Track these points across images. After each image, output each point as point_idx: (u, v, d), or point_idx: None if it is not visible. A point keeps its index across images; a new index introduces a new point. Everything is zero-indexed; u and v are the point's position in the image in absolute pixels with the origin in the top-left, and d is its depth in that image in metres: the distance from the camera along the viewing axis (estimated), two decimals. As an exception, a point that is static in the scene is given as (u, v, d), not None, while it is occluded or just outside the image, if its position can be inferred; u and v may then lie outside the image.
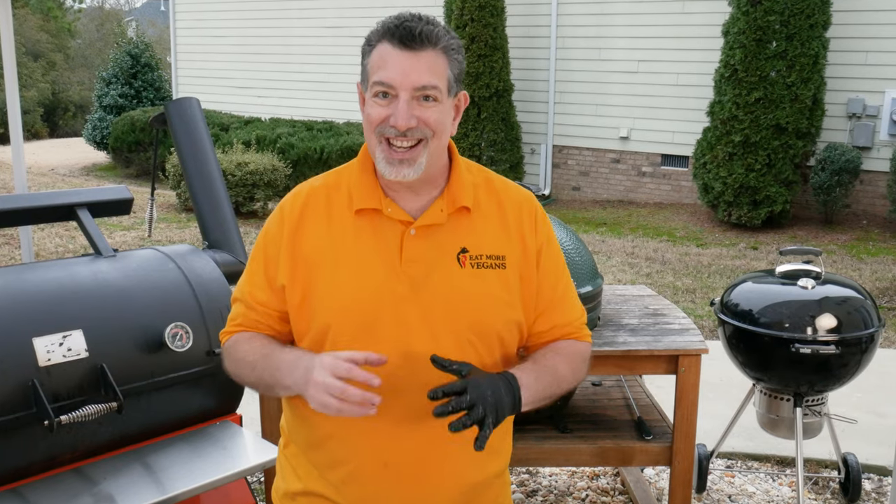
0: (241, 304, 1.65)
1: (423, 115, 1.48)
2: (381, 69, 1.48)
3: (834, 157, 9.11)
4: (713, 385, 4.56)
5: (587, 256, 2.96)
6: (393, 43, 1.47)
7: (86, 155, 16.32)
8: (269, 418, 2.93)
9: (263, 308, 1.61)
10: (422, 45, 1.47)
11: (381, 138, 1.50)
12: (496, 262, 1.57)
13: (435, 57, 1.48)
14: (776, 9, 8.78)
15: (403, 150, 1.49)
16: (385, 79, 1.47)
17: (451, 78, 1.51)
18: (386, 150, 1.50)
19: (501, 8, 10.68)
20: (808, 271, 3.17)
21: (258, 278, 1.62)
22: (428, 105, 1.48)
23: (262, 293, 1.61)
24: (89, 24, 30.45)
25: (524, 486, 3.68)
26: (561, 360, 1.62)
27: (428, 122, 1.48)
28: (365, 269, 1.54)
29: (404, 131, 1.47)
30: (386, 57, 1.47)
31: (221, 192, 2.99)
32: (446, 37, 1.50)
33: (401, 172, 1.50)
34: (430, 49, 1.47)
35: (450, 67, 1.50)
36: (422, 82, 1.47)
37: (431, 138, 1.50)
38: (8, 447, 2.04)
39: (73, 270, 2.34)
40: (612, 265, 7.94)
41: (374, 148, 1.52)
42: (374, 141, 1.51)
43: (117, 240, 8.63)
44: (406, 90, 1.46)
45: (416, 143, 1.49)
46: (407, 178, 1.50)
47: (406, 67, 1.46)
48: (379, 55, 1.49)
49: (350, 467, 1.59)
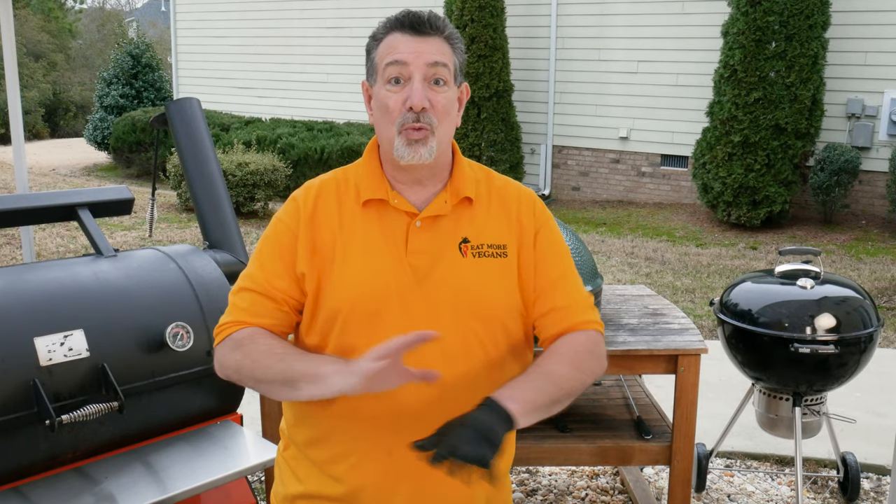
0: (254, 293, 1.60)
1: (434, 99, 1.53)
2: (393, 53, 1.53)
3: (833, 158, 9.12)
4: (712, 385, 4.57)
5: (587, 256, 2.97)
6: (402, 30, 1.54)
7: (87, 155, 16.33)
8: (270, 418, 2.94)
9: (283, 295, 1.58)
10: (430, 30, 1.54)
11: (402, 128, 1.53)
12: (497, 251, 1.60)
13: (442, 42, 1.55)
14: (775, 9, 8.78)
15: (417, 131, 1.53)
16: (398, 57, 1.52)
17: (457, 64, 1.58)
18: (406, 134, 1.54)
19: (501, 8, 10.69)
20: (808, 271, 3.18)
21: (275, 266, 1.59)
22: (438, 89, 1.54)
23: (280, 281, 1.59)
24: (90, 24, 30.45)
25: (524, 485, 3.68)
26: (556, 360, 1.59)
27: (437, 106, 1.53)
28: (372, 260, 1.57)
29: (419, 114, 1.52)
30: (396, 43, 1.54)
31: (222, 193, 2.99)
32: (450, 28, 1.58)
33: (418, 152, 1.53)
34: (437, 35, 1.55)
35: (455, 54, 1.57)
36: (433, 58, 1.53)
37: (437, 126, 1.54)
38: (9, 446, 2.05)
39: (74, 270, 2.35)
40: (611, 265, 7.95)
41: (392, 138, 1.55)
42: (394, 131, 1.54)
43: (118, 240, 8.64)
44: (419, 68, 1.52)
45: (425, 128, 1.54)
46: (423, 160, 1.54)
47: (417, 48, 1.52)
48: (388, 43, 1.55)
49: (354, 458, 1.59)
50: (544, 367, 1.58)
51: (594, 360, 1.63)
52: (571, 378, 1.59)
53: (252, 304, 1.60)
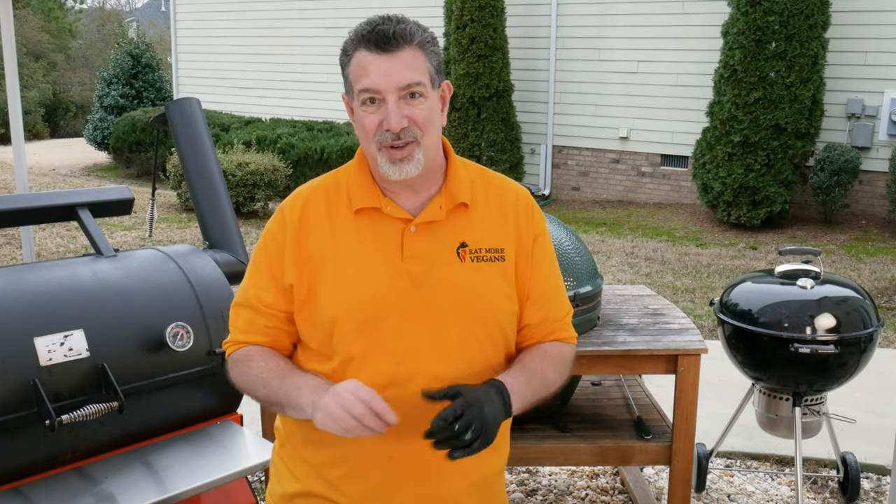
0: (246, 309, 1.64)
1: (413, 114, 1.51)
2: (364, 77, 1.50)
3: (833, 158, 9.12)
4: (712, 385, 4.57)
5: (587, 256, 2.96)
6: (370, 49, 1.50)
7: (87, 155, 16.33)
8: (270, 418, 2.94)
9: (270, 310, 1.61)
10: (398, 46, 1.49)
11: (380, 145, 1.52)
12: (495, 256, 1.60)
13: (413, 54, 1.51)
14: (775, 9, 8.78)
15: (401, 149, 1.51)
16: (370, 85, 1.50)
17: (432, 71, 1.54)
18: (387, 152, 1.52)
19: (501, 8, 10.69)
20: (808, 271, 3.18)
21: (262, 280, 1.62)
22: (416, 102, 1.51)
23: (267, 294, 1.61)
24: (90, 24, 30.45)
25: (524, 485, 3.68)
26: (549, 364, 1.64)
27: (417, 120, 1.51)
28: (367, 267, 1.56)
29: (398, 132, 1.50)
30: (365, 64, 1.50)
31: (222, 193, 2.99)
32: (419, 32, 1.53)
33: (403, 170, 1.52)
34: (406, 48, 1.50)
35: (428, 61, 1.53)
36: (405, 81, 1.49)
37: (422, 137, 1.53)
38: (9, 446, 2.05)
39: (74, 270, 2.35)
40: (611, 265, 7.95)
41: (373, 155, 1.54)
42: (374, 149, 1.53)
43: (118, 240, 8.64)
44: (392, 92, 1.49)
45: (410, 142, 1.52)
46: (410, 175, 1.53)
47: (387, 70, 1.48)
48: (358, 63, 1.51)
49: (351, 464, 1.59)
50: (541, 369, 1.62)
51: (569, 371, 1.71)
52: (555, 383, 1.65)
53: (246, 321, 1.64)
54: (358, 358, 1.55)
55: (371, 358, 1.54)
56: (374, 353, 1.54)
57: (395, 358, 1.53)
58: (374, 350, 1.54)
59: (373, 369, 1.54)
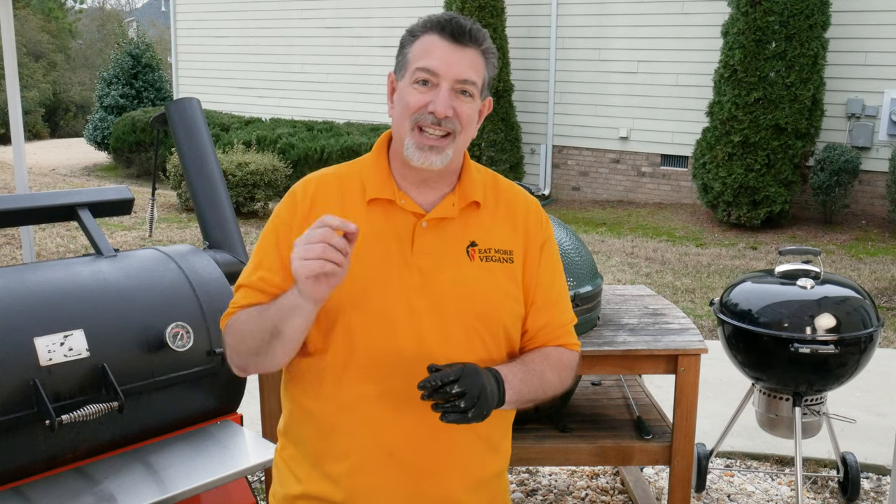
0: (250, 289, 1.61)
1: (459, 108, 1.54)
2: (426, 58, 1.53)
3: (833, 158, 9.12)
4: (712, 385, 4.57)
5: (587, 256, 2.96)
6: (442, 35, 1.53)
7: (87, 155, 16.33)
8: (270, 418, 2.94)
9: (276, 290, 1.57)
10: (469, 42, 1.54)
11: (415, 125, 1.54)
12: (504, 256, 1.62)
13: (478, 56, 1.56)
14: (775, 9, 8.79)
15: (435, 138, 1.53)
16: (430, 66, 1.52)
17: (486, 79, 1.59)
18: (417, 136, 1.54)
19: (501, 8, 10.69)
20: (808, 271, 3.18)
21: (271, 262, 1.60)
22: (464, 99, 1.55)
23: (276, 276, 1.58)
24: (90, 24, 30.47)
25: (524, 485, 3.68)
26: (549, 366, 1.64)
27: (461, 115, 1.54)
28: (377, 259, 1.56)
29: (440, 119, 1.52)
30: (432, 47, 1.53)
31: (222, 193, 2.99)
32: (488, 41, 1.58)
33: (429, 159, 1.54)
34: (474, 48, 1.55)
35: (486, 69, 1.58)
36: (464, 76, 1.53)
37: (459, 133, 1.55)
38: (9, 446, 2.05)
39: (74, 270, 2.35)
40: (611, 265, 7.95)
41: (404, 134, 1.55)
42: (407, 127, 1.54)
43: (118, 240, 8.64)
44: (448, 80, 1.52)
45: (445, 135, 1.54)
46: (433, 166, 1.54)
47: (452, 60, 1.53)
48: (424, 45, 1.54)
49: (354, 459, 1.59)
50: (540, 369, 1.62)
51: (571, 377, 1.71)
52: (554, 386, 1.65)
53: (245, 297, 1.61)
54: (360, 349, 1.55)
55: (374, 350, 1.55)
56: (378, 345, 1.54)
57: (398, 351, 1.53)
58: (377, 342, 1.55)
59: (375, 361, 1.54)
